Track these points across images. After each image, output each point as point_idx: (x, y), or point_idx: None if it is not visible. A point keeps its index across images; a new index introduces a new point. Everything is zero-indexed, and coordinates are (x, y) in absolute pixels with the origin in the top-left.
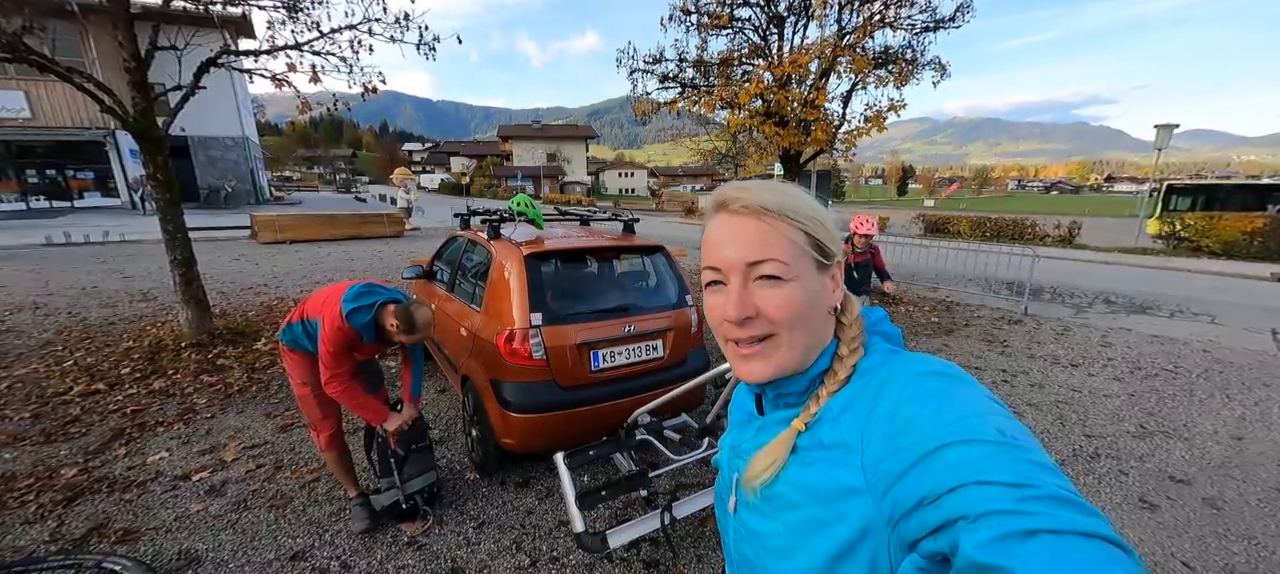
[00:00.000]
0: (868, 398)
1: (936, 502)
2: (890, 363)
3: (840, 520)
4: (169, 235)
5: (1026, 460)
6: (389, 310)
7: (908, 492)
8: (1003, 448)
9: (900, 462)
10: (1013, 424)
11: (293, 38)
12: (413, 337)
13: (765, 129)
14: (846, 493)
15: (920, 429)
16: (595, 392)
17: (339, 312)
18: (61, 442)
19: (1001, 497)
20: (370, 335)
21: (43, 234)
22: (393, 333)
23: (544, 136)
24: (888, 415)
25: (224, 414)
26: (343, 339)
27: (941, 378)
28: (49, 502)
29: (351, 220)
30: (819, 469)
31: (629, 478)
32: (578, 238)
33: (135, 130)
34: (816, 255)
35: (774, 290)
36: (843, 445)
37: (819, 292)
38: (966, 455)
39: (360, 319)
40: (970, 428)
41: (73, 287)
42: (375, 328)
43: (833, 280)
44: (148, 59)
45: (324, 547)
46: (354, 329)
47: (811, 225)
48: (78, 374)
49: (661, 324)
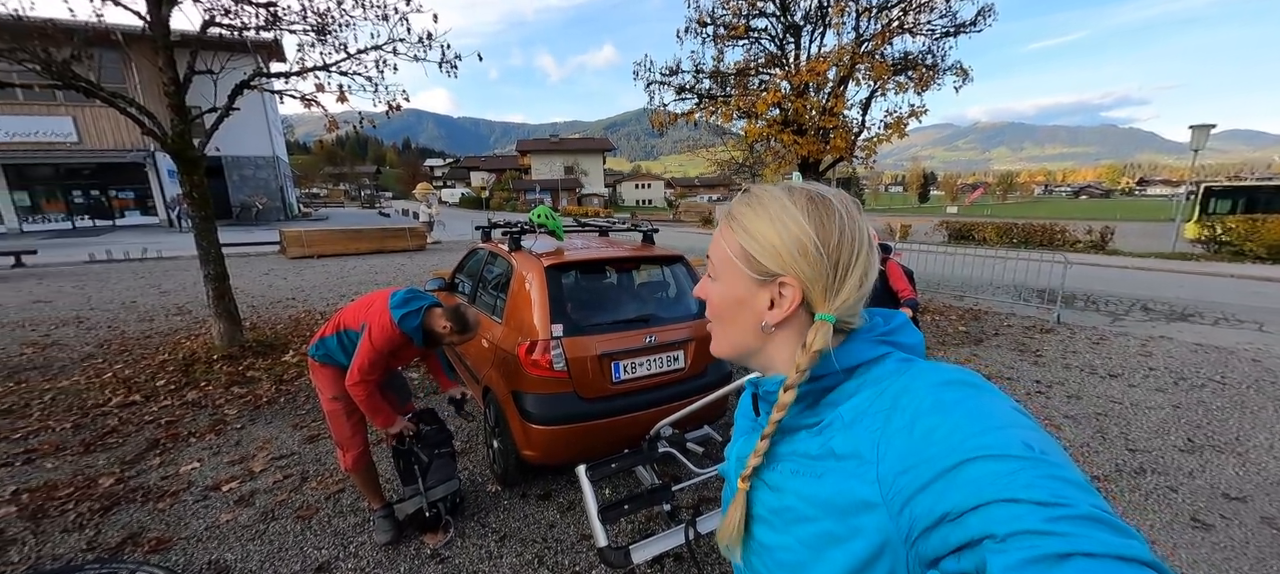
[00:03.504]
0: (882, 408)
1: (960, 519)
2: (906, 372)
3: (855, 535)
4: (203, 251)
5: (1057, 477)
6: (438, 313)
7: (928, 508)
8: (1031, 463)
9: (919, 476)
10: (1041, 437)
11: (321, 59)
12: (464, 336)
13: (783, 138)
14: (861, 507)
15: (941, 442)
16: (617, 403)
17: (390, 318)
18: (100, 451)
19: (1031, 516)
20: (419, 339)
21: (87, 251)
22: (445, 334)
23: (561, 150)
24: (905, 427)
25: (253, 425)
26: (391, 344)
27: (962, 387)
28: (87, 510)
29: (375, 235)
30: (832, 481)
31: (652, 491)
32: (598, 249)
33: (173, 151)
34: (745, 268)
35: (705, 281)
36: (856, 456)
37: (743, 299)
38: (992, 471)
39: (411, 323)
40: (995, 441)
41: (113, 301)
42: (423, 332)
43: (773, 300)
44: (186, 83)
45: (348, 558)
46: (405, 333)
47: (746, 240)
48: (116, 386)
49: (683, 335)
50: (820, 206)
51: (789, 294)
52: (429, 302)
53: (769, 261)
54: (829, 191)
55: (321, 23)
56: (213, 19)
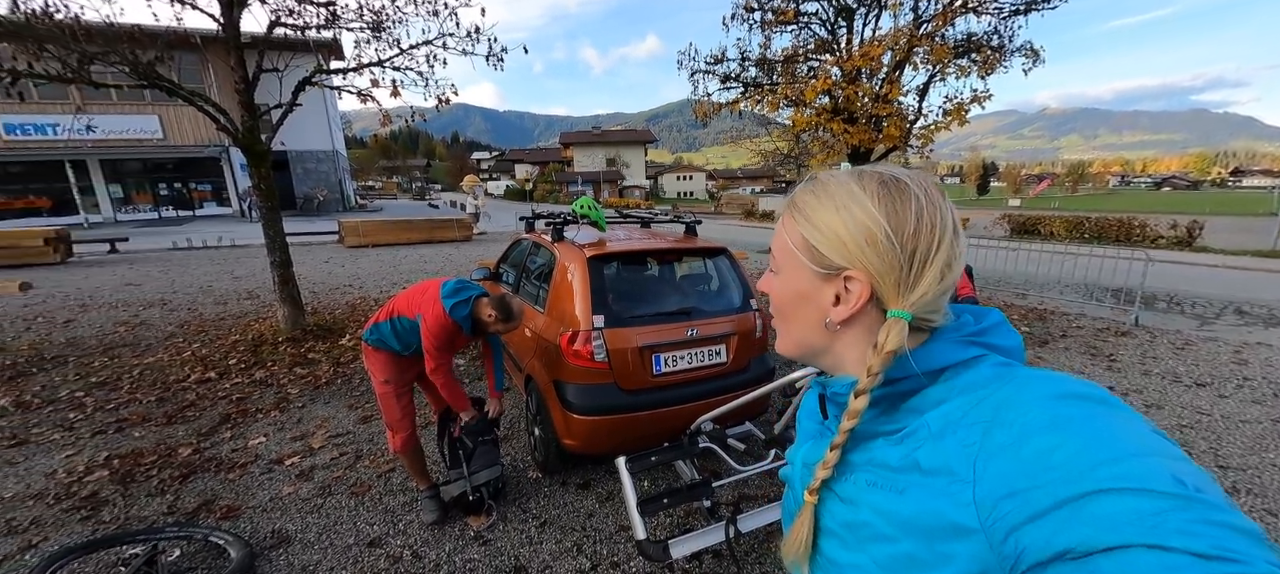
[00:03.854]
0: (980, 420)
1: (1085, 560)
2: (1009, 379)
3: (944, 563)
4: (270, 240)
5: (1221, 522)
6: (484, 302)
7: (1042, 541)
8: (1185, 503)
9: (1032, 503)
10: (1192, 469)
11: (376, 56)
12: (509, 325)
13: (833, 126)
14: (953, 531)
15: (1062, 466)
16: (657, 396)
17: (442, 308)
18: (180, 423)
19: (1190, 571)
20: (468, 327)
21: (170, 239)
22: (490, 323)
23: (603, 142)
24: (1011, 445)
25: (313, 404)
26: (446, 333)
27: (1085, 402)
28: (168, 477)
29: (425, 225)
30: (916, 498)
31: (692, 486)
32: (640, 240)
33: (243, 145)
34: (808, 261)
35: (768, 275)
36: (947, 472)
37: (806, 294)
38: (1132, 507)
39: (461, 313)
40: (1135, 470)
41: (192, 285)
42: (472, 320)
43: (837, 296)
44: (254, 81)
45: (397, 535)
46: (456, 322)
47: (809, 231)
48: (194, 363)
49: (725, 328)
50: (893, 191)
51: (855, 289)
52: (477, 292)
53: (833, 253)
54: (905, 173)
55: (377, 20)
56: (278, 19)
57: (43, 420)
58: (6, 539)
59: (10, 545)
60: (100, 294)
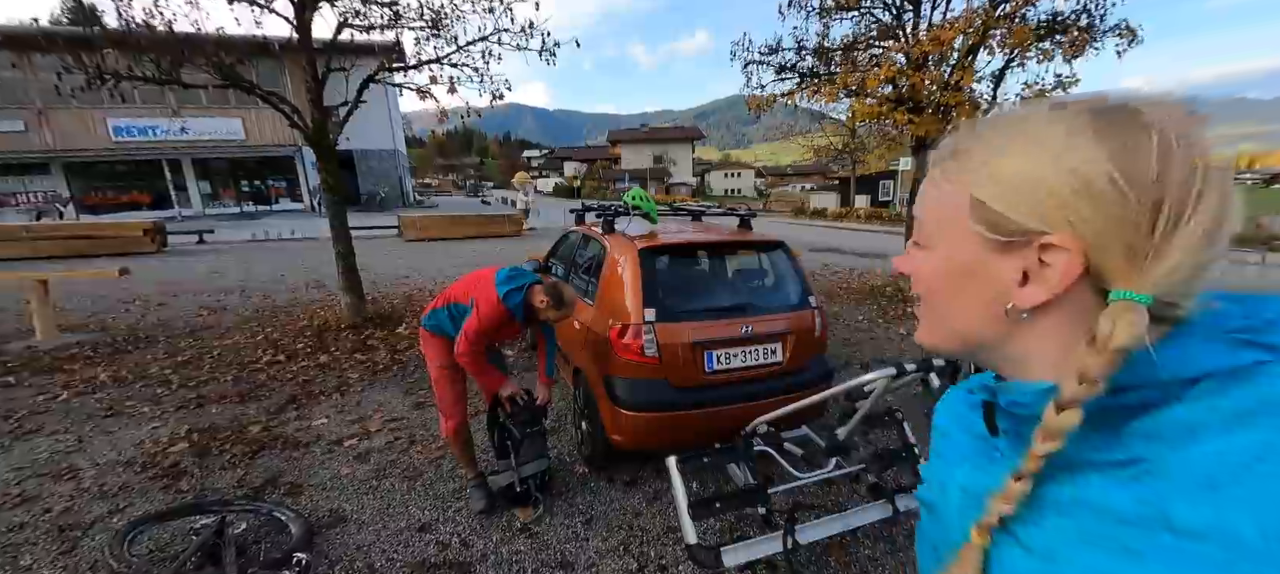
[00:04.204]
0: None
1: None
2: None
3: None
4: (335, 232)
5: None
6: (538, 289)
7: None
8: None
9: None
10: None
11: (434, 53)
12: (561, 312)
13: (896, 116)
14: None
15: None
16: (708, 394)
17: (496, 294)
18: (251, 402)
19: None
20: (521, 315)
21: (250, 232)
22: (542, 309)
23: (651, 139)
24: None
25: (371, 389)
26: (497, 319)
27: None
28: (239, 453)
29: (477, 221)
30: (1166, 569)
31: (746, 491)
32: (693, 232)
33: (313, 141)
34: (978, 226)
35: (910, 250)
36: (1220, 536)
37: (972, 270)
38: None
39: (514, 299)
40: None
41: (267, 275)
42: (525, 308)
43: (1026, 272)
44: (323, 80)
45: (447, 522)
46: (509, 309)
47: (981, 185)
48: (266, 346)
49: (781, 326)
50: (1121, 121)
51: (1058, 262)
52: (531, 279)
53: (1021, 213)
54: (1135, 96)
55: (436, 17)
56: (346, 21)
57: (134, 395)
58: (99, 502)
59: (102, 508)
60: (188, 281)
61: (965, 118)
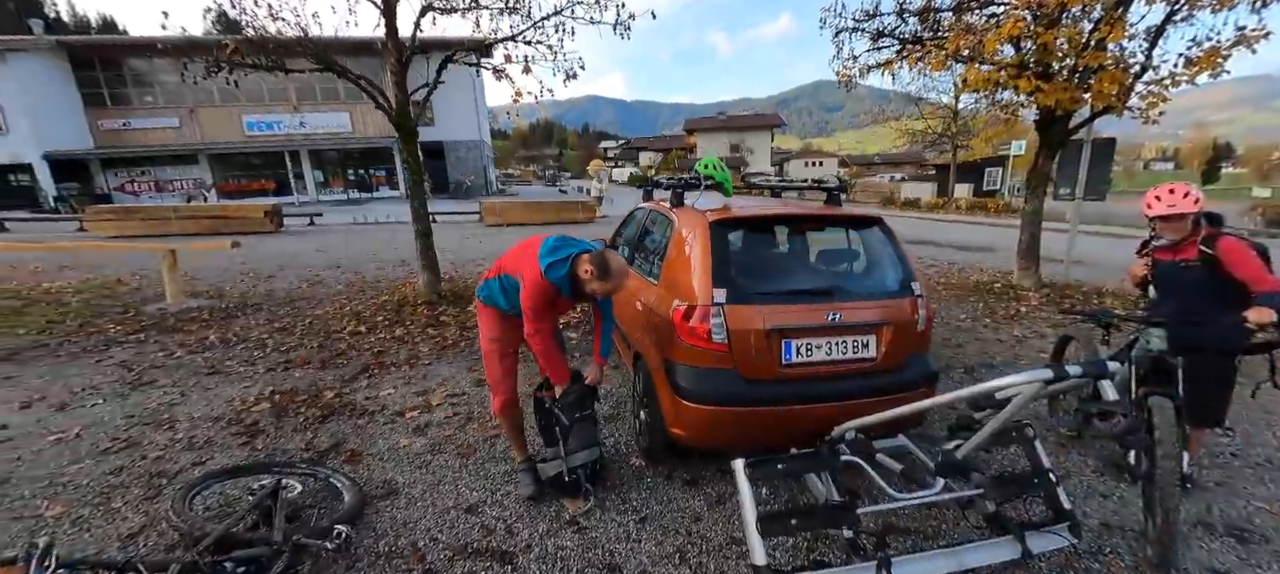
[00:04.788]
0: None
1: None
2: None
3: None
4: (415, 211)
5: None
6: (583, 259)
7: None
8: None
9: None
10: None
11: (510, 30)
12: (607, 284)
13: (1019, 85)
14: None
15: None
16: (784, 390)
17: (538, 269)
18: (330, 369)
19: None
20: (567, 289)
21: (352, 216)
22: (587, 280)
23: (728, 127)
24: None
25: (438, 363)
26: (542, 295)
27: None
28: (311, 416)
29: (552, 207)
30: None
31: (829, 509)
32: (773, 206)
33: (396, 123)
34: None
35: None
36: None
37: None
38: None
39: (557, 273)
40: None
41: (362, 254)
42: (571, 281)
43: None
44: (406, 64)
45: (494, 506)
46: (552, 283)
47: None
48: (350, 318)
49: (874, 316)
50: None
51: None
52: (577, 249)
53: None
54: None
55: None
56: (431, 4)
57: (235, 356)
58: (186, 453)
59: (187, 459)
60: (296, 257)
61: (1110, 84)
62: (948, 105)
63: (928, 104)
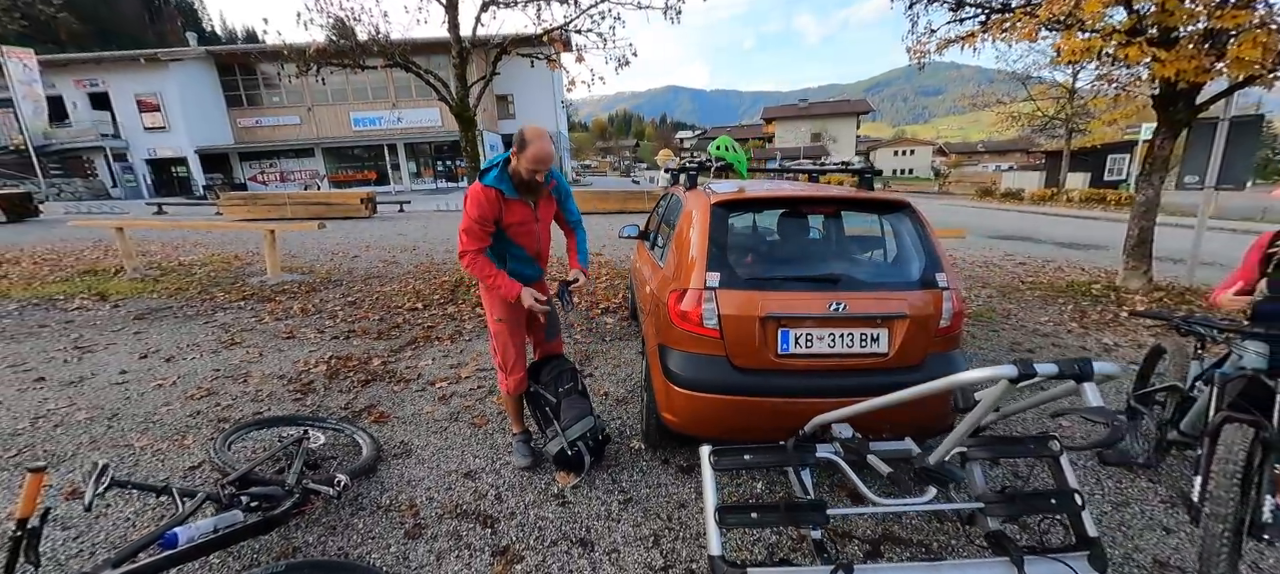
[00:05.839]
0: None
1: None
2: None
3: None
4: None
5: None
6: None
7: None
8: None
9: None
10: None
11: (563, 19)
12: (527, 151)
13: (1129, 52)
14: None
15: None
16: (778, 381)
17: (478, 182)
18: (384, 340)
19: None
20: (509, 188)
21: (436, 204)
22: (515, 163)
23: (809, 115)
24: None
25: (478, 340)
26: (483, 204)
27: None
28: (356, 380)
29: (619, 196)
30: None
31: (794, 506)
32: (785, 187)
33: (455, 111)
34: None
35: None
36: None
37: None
38: None
39: (492, 176)
40: None
41: (436, 237)
42: (507, 175)
43: None
44: (465, 57)
45: (491, 474)
46: (492, 187)
47: None
48: (412, 295)
49: (888, 308)
50: None
51: None
52: None
53: None
54: None
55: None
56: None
57: (310, 324)
58: (251, 404)
59: (250, 409)
60: (384, 237)
61: (1253, 49)
62: (1062, 84)
63: (1036, 84)
